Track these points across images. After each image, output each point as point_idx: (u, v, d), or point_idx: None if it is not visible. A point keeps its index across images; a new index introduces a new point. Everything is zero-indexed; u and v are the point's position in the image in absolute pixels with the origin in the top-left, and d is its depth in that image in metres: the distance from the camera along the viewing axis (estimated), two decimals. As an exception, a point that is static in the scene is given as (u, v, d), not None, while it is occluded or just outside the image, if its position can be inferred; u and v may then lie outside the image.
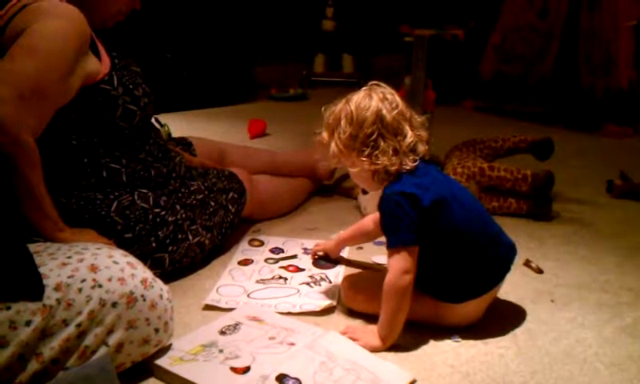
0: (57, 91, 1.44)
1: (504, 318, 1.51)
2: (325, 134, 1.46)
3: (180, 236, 1.68)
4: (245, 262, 1.82)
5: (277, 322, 1.45)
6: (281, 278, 1.73)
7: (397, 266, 1.36)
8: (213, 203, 1.82)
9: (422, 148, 1.42)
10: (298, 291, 1.64)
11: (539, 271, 1.77)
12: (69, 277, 1.15)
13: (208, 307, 1.56)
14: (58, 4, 1.51)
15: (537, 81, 3.67)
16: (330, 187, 2.44)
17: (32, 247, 1.22)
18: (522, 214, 2.19)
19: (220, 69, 3.94)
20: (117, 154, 1.61)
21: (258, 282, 1.70)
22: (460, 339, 1.42)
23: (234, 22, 3.97)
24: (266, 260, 1.84)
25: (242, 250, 1.91)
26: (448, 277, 1.42)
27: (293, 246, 1.93)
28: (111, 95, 1.57)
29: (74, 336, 1.12)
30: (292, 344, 1.36)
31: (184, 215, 1.71)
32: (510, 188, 2.19)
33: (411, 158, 1.40)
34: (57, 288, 1.12)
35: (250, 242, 1.96)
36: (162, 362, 1.28)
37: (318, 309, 1.55)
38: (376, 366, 1.28)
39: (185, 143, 2.12)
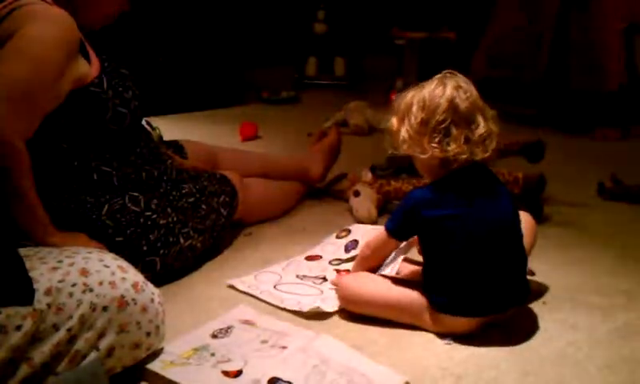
0: (47, 95, 1.43)
1: (496, 320, 1.51)
2: (394, 121, 1.46)
3: (171, 239, 1.68)
4: (312, 258, 1.81)
5: (269, 326, 1.45)
6: (324, 280, 1.69)
7: (372, 239, 1.57)
8: (204, 206, 1.81)
9: (491, 143, 1.40)
10: (322, 292, 1.62)
11: (531, 273, 1.76)
12: (59, 281, 1.14)
13: (230, 287, 1.65)
14: (48, 7, 1.50)
15: (528, 83, 3.67)
16: (321, 190, 2.43)
17: (22, 251, 1.21)
18: (513, 217, 2.19)
19: (211, 71, 3.93)
20: (107, 157, 1.60)
21: (298, 276, 1.70)
22: (452, 341, 1.42)
23: (225, 25, 3.97)
24: (331, 261, 1.79)
25: (323, 244, 1.89)
26: (439, 285, 1.42)
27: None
28: (101, 98, 1.57)
29: (64, 340, 1.11)
30: (284, 347, 1.35)
31: (175, 218, 1.70)
32: (501, 190, 2.19)
33: (481, 149, 1.39)
34: (47, 292, 1.11)
35: (338, 235, 1.93)
36: (154, 365, 1.27)
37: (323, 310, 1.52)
38: (369, 369, 1.28)
39: (176, 146, 2.11)
